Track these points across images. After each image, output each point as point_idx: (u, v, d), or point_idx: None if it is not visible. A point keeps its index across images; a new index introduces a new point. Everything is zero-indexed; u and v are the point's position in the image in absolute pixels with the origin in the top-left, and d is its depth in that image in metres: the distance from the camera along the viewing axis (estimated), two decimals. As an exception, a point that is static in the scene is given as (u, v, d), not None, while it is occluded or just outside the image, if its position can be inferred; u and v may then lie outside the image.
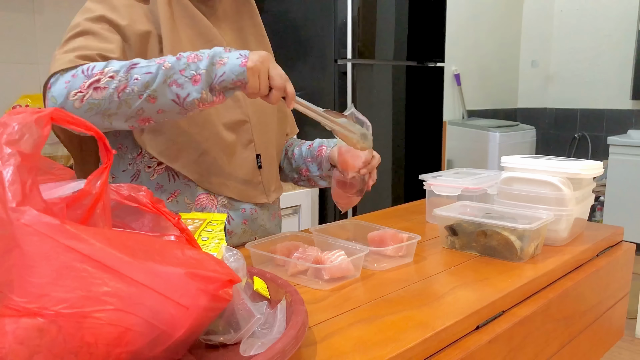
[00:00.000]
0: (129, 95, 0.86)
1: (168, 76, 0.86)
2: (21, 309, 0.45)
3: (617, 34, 4.27)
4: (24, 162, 0.48)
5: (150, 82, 0.86)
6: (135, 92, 0.86)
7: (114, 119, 0.88)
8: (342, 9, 2.36)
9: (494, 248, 1.03)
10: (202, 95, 0.87)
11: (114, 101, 0.86)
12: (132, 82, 0.86)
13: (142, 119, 0.90)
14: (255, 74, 0.88)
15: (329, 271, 0.88)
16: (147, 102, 0.87)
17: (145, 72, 0.86)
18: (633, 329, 2.61)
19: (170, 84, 0.86)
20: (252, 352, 0.58)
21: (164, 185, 1.04)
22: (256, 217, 1.13)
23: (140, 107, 0.87)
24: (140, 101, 0.86)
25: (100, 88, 0.85)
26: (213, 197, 1.06)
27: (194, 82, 0.87)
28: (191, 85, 0.87)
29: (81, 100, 0.86)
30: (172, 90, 0.86)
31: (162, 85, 0.86)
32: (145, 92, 0.86)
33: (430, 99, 2.90)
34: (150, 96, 0.86)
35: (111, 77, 0.86)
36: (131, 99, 0.86)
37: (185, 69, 0.87)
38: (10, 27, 1.91)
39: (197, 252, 0.56)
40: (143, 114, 0.88)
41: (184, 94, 0.87)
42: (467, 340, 0.76)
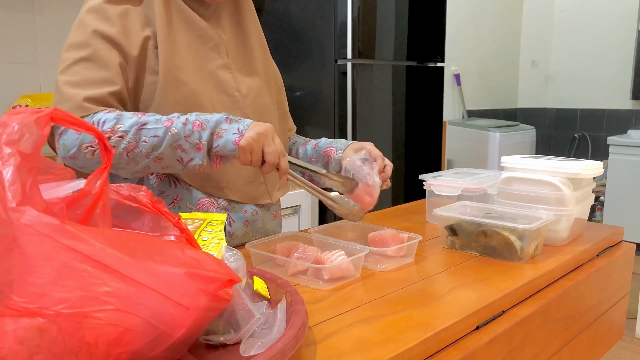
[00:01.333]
0: (137, 155, 0.93)
1: (174, 141, 0.92)
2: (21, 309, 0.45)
3: (617, 34, 4.27)
4: (24, 162, 0.48)
5: (157, 146, 0.92)
6: (143, 153, 0.93)
7: (122, 171, 0.97)
8: (342, 9, 2.36)
9: (494, 248, 1.03)
10: (204, 163, 0.94)
11: (123, 159, 0.93)
12: (141, 144, 0.92)
13: (147, 172, 0.99)
14: (246, 152, 0.93)
15: (329, 271, 0.88)
16: (153, 162, 0.94)
17: (152, 135, 0.92)
18: (633, 329, 2.61)
19: (175, 148, 0.93)
20: (252, 352, 0.58)
21: (165, 191, 1.04)
22: (257, 219, 1.13)
23: (147, 164, 0.95)
24: (148, 160, 0.94)
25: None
26: (214, 200, 1.07)
27: (197, 150, 0.93)
28: (195, 152, 0.93)
29: (92, 154, 0.93)
30: (177, 153, 0.93)
31: (169, 149, 0.93)
32: (153, 153, 0.93)
33: (430, 99, 2.90)
34: (157, 157, 0.93)
35: (120, 136, 0.92)
36: (139, 158, 0.93)
37: (189, 136, 0.92)
38: (10, 27, 1.91)
39: (197, 252, 0.56)
40: (148, 169, 0.96)
41: (188, 158, 0.93)
42: (467, 340, 0.76)
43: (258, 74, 1.14)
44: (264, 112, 1.14)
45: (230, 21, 1.12)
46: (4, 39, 1.90)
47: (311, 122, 2.49)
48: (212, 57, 1.06)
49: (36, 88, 1.99)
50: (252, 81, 1.12)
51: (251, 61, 1.14)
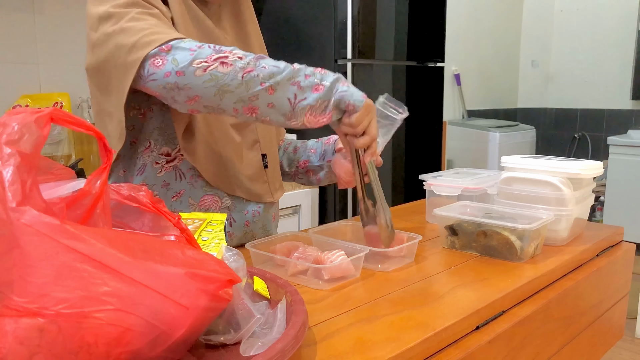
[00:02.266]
0: (252, 78, 0.87)
1: (294, 75, 0.89)
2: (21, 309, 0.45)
3: (617, 34, 4.27)
4: (24, 162, 0.48)
5: (276, 74, 0.88)
6: (259, 77, 0.88)
7: (226, 97, 0.88)
8: (342, 9, 2.36)
9: (494, 248, 1.03)
10: (316, 104, 0.90)
11: (237, 79, 0.87)
12: (259, 69, 0.88)
13: (251, 106, 0.90)
14: (367, 112, 0.92)
15: (329, 271, 0.88)
16: (265, 91, 0.88)
17: (273, 65, 0.89)
18: (633, 329, 2.61)
19: (292, 83, 0.89)
20: (252, 352, 0.58)
21: (170, 184, 1.04)
22: (258, 219, 1.14)
23: (257, 93, 0.88)
24: (260, 88, 0.88)
25: (227, 64, 0.87)
26: (217, 199, 1.07)
27: (314, 90, 0.90)
28: (311, 92, 0.90)
29: (204, 70, 0.86)
30: (292, 89, 0.89)
31: (286, 82, 0.88)
32: (269, 81, 0.88)
33: (430, 99, 2.90)
34: (271, 87, 0.88)
35: (240, 57, 0.88)
36: (253, 82, 0.87)
37: (311, 75, 0.90)
38: (10, 27, 1.91)
39: (197, 252, 0.56)
40: (255, 101, 0.89)
41: (301, 97, 0.89)
42: (467, 340, 0.76)
43: None
44: None
45: (231, 22, 1.12)
46: (4, 39, 1.90)
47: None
48: None
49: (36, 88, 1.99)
50: None
51: None
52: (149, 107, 1.02)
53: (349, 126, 0.94)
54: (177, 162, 1.04)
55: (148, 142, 1.03)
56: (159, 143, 1.03)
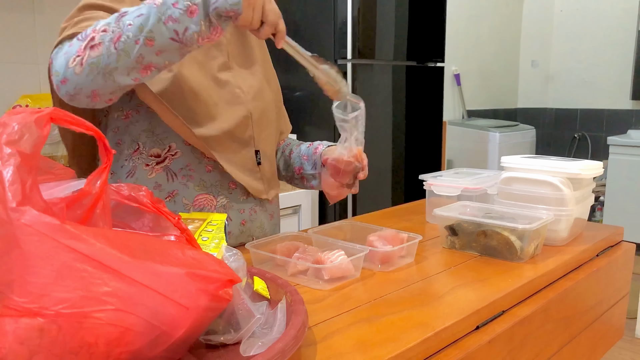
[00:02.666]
0: (125, 44, 0.82)
1: (162, 13, 0.82)
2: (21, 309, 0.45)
3: (617, 34, 4.27)
4: (24, 162, 0.48)
5: (144, 24, 0.82)
6: (131, 38, 0.82)
7: (116, 74, 0.85)
8: (342, 9, 2.36)
9: (494, 248, 1.03)
10: (201, 28, 0.83)
11: (112, 53, 0.83)
12: (126, 29, 0.82)
13: (144, 66, 0.85)
14: (250, 5, 0.84)
15: (329, 271, 0.88)
16: (145, 47, 0.83)
17: (136, 16, 0.82)
18: (633, 329, 2.61)
19: (165, 22, 0.82)
20: (252, 352, 0.58)
21: (162, 185, 1.04)
22: (255, 218, 1.13)
23: (139, 53, 0.83)
24: (138, 47, 0.82)
25: (96, 45, 0.83)
26: (212, 198, 1.06)
27: (190, 14, 0.82)
28: (187, 17, 0.82)
29: (81, 64, 0.83)
30: (169, 27, 0.82)
31: (158, 25, 0.82)
32: (141, 35, 0.82)
33: (430, 99, 2.90)
34: (147, 39, 0.82)
35: (104, 30, 0.83)
36: (128, 46, 0.82)
37: (177, 1, 0.81)
38: (10, 27, 1.91)
39: (197, 252, 0.56)
40: (143, 60, 0.84)
41: (182, 29, 0.82)
42: (467, 340, 0.76)
43: (258, 72, 1.15)
44: (264, 109, 1.14)
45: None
46: (4, 39, 1.90)
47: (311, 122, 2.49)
48: (214, 55, 1.06)
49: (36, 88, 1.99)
50: (252, 79, 1.13)
51: (251, 59, 1.14)
52: (134, 109, 1.02)
53: (242, 26, 0.87)
54: (167, 163, 1.03)
55: (136, 145, 1.03)
56: (148, 145, 1.02)
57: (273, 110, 1.18)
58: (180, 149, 1.03)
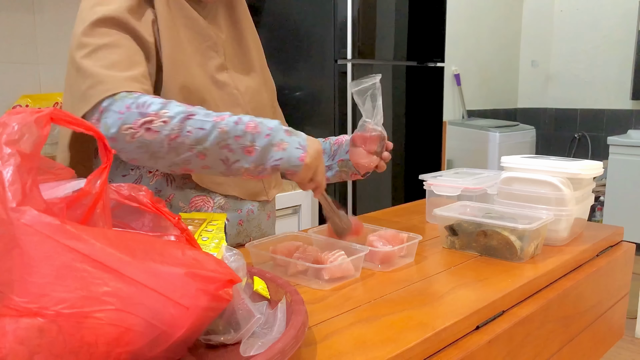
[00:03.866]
0: (179, 145, 0.86)
1: (222, 139, 0.86)
2: (21, 309, 0.45)
3: (617, 34, 4.27)
4: (24, 162, 0.48)
5: (202, 140, 0.86)
6: (186, 144, 0.86)
7: (160, 162, 0.89)
8: (342, 9, 2.35)
9: (494, 248, 1.03)
10: (251, 167, 0.88)
11: (164, 147, 0.86)
12: (185, 134, 0.85)
13: (186, 168, 0.90)
14: (308, 169, 0.89)
15: (329, 271, 0.88)
16: (196, 157, 0.87)
17: (199, 127, 0.86)
18: (633, 329, 2.61)
19: (222, 147, 0.86)
20: (252, 352, 0.58)
21: (161, 190, 1.04)
22: (252, 218, 1.13)
23: (188, 158, 0.87)
24: (190, 154, 0.87)
25: (152, 130, 0.85)
26: (209, 199, 1.06)
27: (247, 153, 0.87)
28: (243, 154, 0.87)
29: (132, 137, 0.85)
30: (224, 152, 0.87)
31: (215, 146, 0.86)
32: (197, 147, 0.86)
33: (430, 99, 2.90)
34: (200, 153, 0.87)
35: (164, 122, 0.85)
36: (181, 149, 0.86)
37: (241, 137, 0.87)
38: (10, 27, 1.91)
39: (197, 252, 0.56)
40: (189, 164, 0.89)
41: (234, 159, 0.87)
42: (467, 340, 0.76)
43: (255, 73, 1.15)
44: (262, 110, 1.14)
45: (226, 21, 1.12)
46: (4, 39, 1.90)
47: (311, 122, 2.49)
48: (211, 56, 1.06)
49: (36, 88, 1.99)
50: (249, 79, 1.13)
51: (248, 60, 1.14)
52: None
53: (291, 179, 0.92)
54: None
55: None
56: None
57: (270, 111, 1.18)
58: None
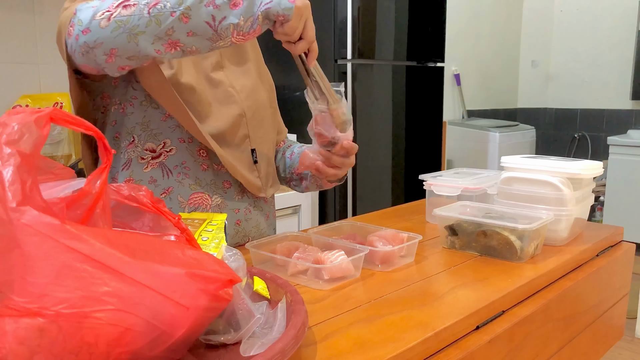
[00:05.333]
0: (160, 12, 0.80)
1: None
2: (21, 309, 0.45)
3: (617, 34, 4.27)
4: (24, 162, 0.48)
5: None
6: (167, 8, 0.80)
7: (141, 38, 0.82)
8: (342, 9, 2.36)
9: (494, 248, 1.03)
10: (240, 22, 0.81)
11: (144, 17, 0.81)
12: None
13: (170, 41, 0.84)
14: (299, 16, 0.83)
15: (329, 271, 0.88)
16: (179, 21, 0.81)
17: None
18: (633, 329, 2.61)
19: (206, 4, 0.80)
20: (252, 352, 0.58)
21: (157, 180, 1.03)
22: (250, 218, 1.13)
23: (170, 25, 0.81)
24: (172, 19, 0.81)
25: (129, 5, 0.82)
26: (207, 197, 1.06)
27: (233, 6, 0.81)
28: (229, 8, 0.81)
29: (108, 19, 0.81)
30: (208, 10, 0.80)
31: (198, 4, 0.80)
32: (179, 9, 0.80)
33: (430, 99, 2.90)
34: (183, 14, 0.80)
35: None
36: (162, 15, 0.80)
37: None
38: (10, 27, 1.91)
39: (197, 252, 0.56)
40: (173, 34, 0.82)
41: (220, 17, 0.81)
42: (467, 340, 0.76)
43: (252, 71, 1.15)
44: (259, 108, 1.13)
45: None
46: (4, 39, 1.90)
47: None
48: (206, 55, 1.06)
49: (36, 88, 1.99)
50: (245, 78, 1.13)
51: (244, 58, 1.14)
52: (128, 101, 1.01)
53: (283, 35, 0.87)
54: (162, 159, 1.02)
55: (132, 137, 1.02)
56: (142, 139, 1.02)
57: (268, 109, 1.18)
58: (176, 146, 1.03)
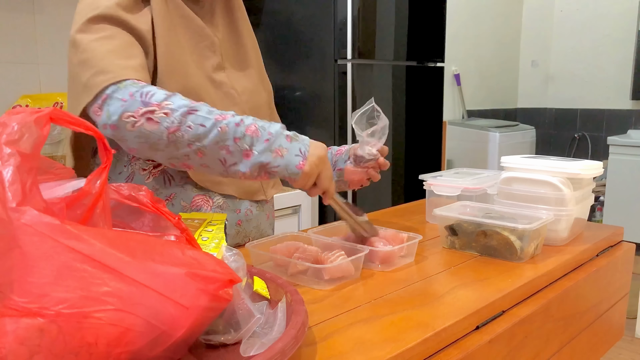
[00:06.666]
0: (178, 139, 0.86)
1: (221, 139, 0.86)
2: (21, 309, 0.45)
3: (617, 34, 4.27)
4: (24, 162, 0.48)
5: (202, 137, 0.85)
6: (185, 139, 0.85)
7: (159, 154, 0.89)
8: (342, 9, 2.35)
9: (494, 248, 1.03)
10: (247, 172, 0.88)
11: (163, 139, 0.86)
12: (185, 129, 0.85)
13: (184, 164, 0.90)
14: (308, 177, 0.89)
15: (329, 271, 0.88)
16: (194, 153, 0.87)
17: (199, 124, 0.85)
18: (633, 329, 2.61)
19: (221, 147, 0.86)
20: (252, 352, 0.58)
21: (159, 189, 1.04)
22: (251, 218, 1.13)
23: (186, 153, 0.87)
24: (189, 150, 0.86)
25: (153, 121, 0.85)
26: (208, 198, 1.06)
27: (245, 157, 0.87)
28: (241, 156, 0.87)
29: (133, 126, 0.85)
30: (222, 153, 0.87)
31: (214, 146, 0.86)
32: (195, 144, 0.86)
33: (430, 99, 2.90)
34: (199, 150, 0.86)
35: (166, 113, 0.85)
36: (180, 144, 0.86)
37: (240, 139, 0.86)
38: (10, 27, 1.91)
39: (197, 252, 0.56)
40: (188, 160, 0.89)
41: (232, 162, 0.87)
42: (467, 340, 0.76)
43: (252, 72, 1.15)
44: (259, 110, 1.14)
45: (223, 21, 1.12)
46: (4, 39, 1.90)
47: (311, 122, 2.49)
48: (207, 56, 1.06)
49: (36, 88, 1.99)
50: (246, 79, 1.13)
51: (245, 60, 1.14)
52: None
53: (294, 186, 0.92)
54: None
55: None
56: None
57: (267, 111, 1.18)
58: None
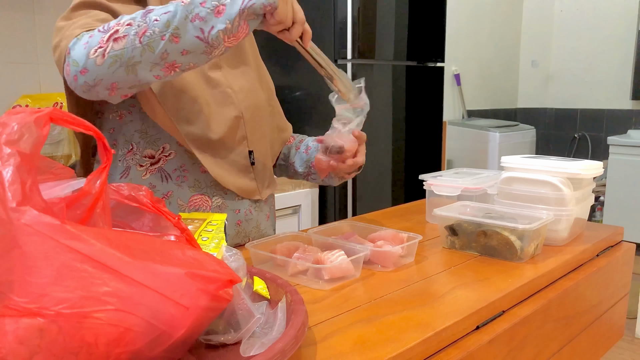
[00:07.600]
0: (150, 38, 0.82)
1: (189, 11, 0.82)
2: (21, 309, 0.45)
3: (617, 34, 4.27)
4: (24, 162, 0.48)
5: (171, 20, 0.82)
6: (156, 33, 0.82)
7: (139, 69, 0.85)
8: (342, 9, 2.35)
9: (494, 248, 1.03)
10: (227, 26, 0.83)
11: (137, 47, 0.82)
12: (152, 24, 0.82)
13: (167, 65, 0.86)
14: (285, 1, 0.85)
15: (329, 271, 0.88)
16: (170, 43, 0.83)
17: (163, 12, 0.83)
18: (633, 329, 2.61)
19: (192, 19, 0.82)
20: (252, 352, 0.58)
21: (156, 186, 1.03)
22: (250, 218, 1.13)
23: (164, 49, 0.83)
24: (164, 42, 0.83)
25: (120, 38, 0.83)
26: (207, 198, 1.06)
27: (217, 14, 0.83)
28: (214, 17, 0.83)
29: (102, 56, 0.83)
30: (195, 25, 0.83)
31: (184, 22, 0.82)
32: (167, 31, 0.82)
33: (430, 99, 2.90)
34: (173, 35, 0.82)
35: (129, 24, 0.83)
36: (153, 41, 0.82)
37: (205, 1, 0.83)
38: (10, 27, 1.91)
39: (197, 252, 0.56)
40: (168, 57, 0.84)
41: (208, 27, 0.83)
42: (467, 340, 0.76)
43: (250, 71, 1.14)
44: (257, 108, 1.13)
45: None
46: (4, 39, 1.90)
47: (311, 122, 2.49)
48: None
49: (36, 88, 1.99)
50: (244, 78, 1.12)
51: (243, 58, 1.14)
52: (127, 110, 1.02)
53: (276, 24, 0.89)
54: (161, 164, 1.03)
55: (130, 145, 1.02)
56: (141, 146, 1.02)
57: (266, 109, 1.18)
58: (175, 150, 1.03)
